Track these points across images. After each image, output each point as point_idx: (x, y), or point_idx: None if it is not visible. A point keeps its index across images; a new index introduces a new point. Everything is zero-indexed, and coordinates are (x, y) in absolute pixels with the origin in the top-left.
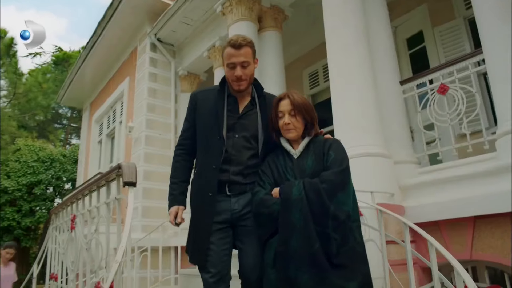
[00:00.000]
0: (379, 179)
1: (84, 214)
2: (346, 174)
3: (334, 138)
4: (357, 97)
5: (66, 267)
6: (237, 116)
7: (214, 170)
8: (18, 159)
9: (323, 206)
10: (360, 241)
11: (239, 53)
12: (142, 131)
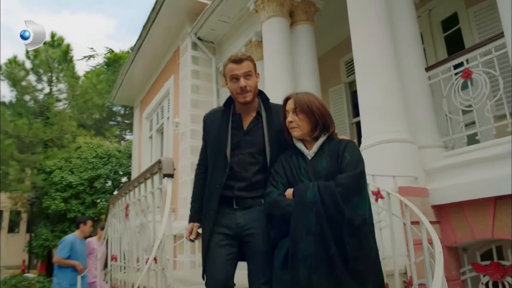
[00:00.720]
0: (402, 163)
1: (135, 203)
2: (361, 177)
3: (349, 139)
4: (381, 85)
5: (123, 249)
6: (242, 133)
7: (217, 189)
8: (79, 156)
9: (338, 210)
10: (374, 247)
11: (241, 66)
12: (187, 126)
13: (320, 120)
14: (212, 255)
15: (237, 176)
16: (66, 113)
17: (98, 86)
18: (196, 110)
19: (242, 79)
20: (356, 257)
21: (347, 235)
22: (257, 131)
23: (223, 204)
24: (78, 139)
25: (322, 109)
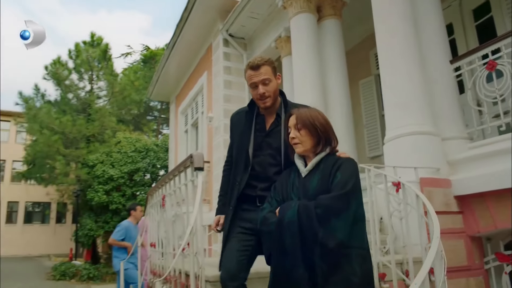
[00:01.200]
0: (425, 155)
1: (171, 194)
2: (344, 199)
3: (348, 157)
4: (404, 79)
5: (160, 237)
6: (264, 134)
7: (237, 186)
8: (119, 150)
9: (312, 232)
10: (358, 271)
11: (259, 73)
12: (220, 120)
13: (323, 135)
14: (228, 246)
15: (259, 176)
16: (106, 109)
17: (135, 83)
18: (229, 105)
19: (261, 86)
20: (327, 281)
21: (318, 258)
22: (277, 133)
23: (246, 201)
24: (117, 134)
25: (326, 124)
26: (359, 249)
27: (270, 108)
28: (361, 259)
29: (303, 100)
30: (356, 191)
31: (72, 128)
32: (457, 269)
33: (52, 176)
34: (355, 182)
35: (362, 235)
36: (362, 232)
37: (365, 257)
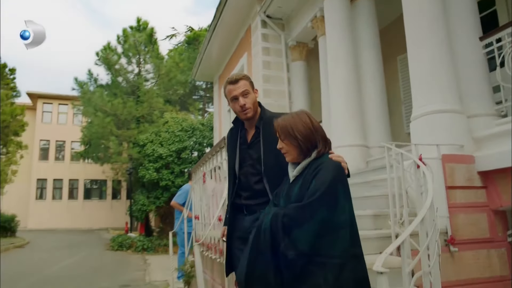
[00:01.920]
0: (449, 133)
1: (209, 172)
2: (309, 209)
3: (331, 160)
4: (429, 57)
5: (203, 210)
6: (246, 147)
7: (230, 197)
8: (167, 130)
9: (277, 241)
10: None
11: (238, 86)
12: (260, 100)
13: (304, 143)
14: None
15: (243, 187)
16: (154, 91)
17: (180, 64)
18: (268, 85)
19: (241, 98)
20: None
21: (283, 266)
22: (257, 144)
23: (237, 210)
24: (165, 114)
25: (306, 131)
26: (336, 258)
27: (251, 120)
28: (338, 269)
29: (336, 77)
30: (327, 199)
31: (123, 110)
32: (479, 241)
33: (107, 155)
34: (328, 189)
35: (341, 243)
36: (341, 241)
37: (344, 266)
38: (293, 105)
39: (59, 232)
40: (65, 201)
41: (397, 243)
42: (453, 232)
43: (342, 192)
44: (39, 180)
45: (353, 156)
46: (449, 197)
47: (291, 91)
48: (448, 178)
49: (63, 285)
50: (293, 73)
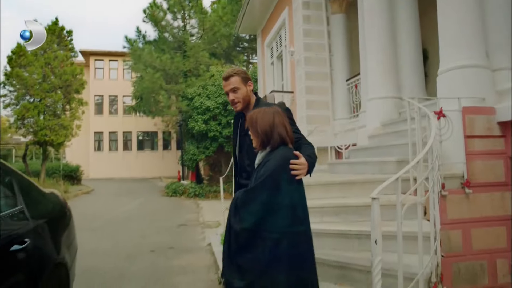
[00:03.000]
0: (472, 87)
1: None
2: (252, 193)
3: (280, 151)
4: (457, 13)
5: None
6: (244, 134)
7: (235, 176)
8: (213, 83)
9: (230, 219)
10: (268, 253)
11: (228, 83)
12: (301, 54)
13: (262, 136)
14: None
15: (242, 168)
16: (199, 45)
17: (224, 18)
18: (309, 39)
19: (230, 93)
20: (236, 256)
21: (232, 239)
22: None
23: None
24: (211, 68)
25: (265, 126)
26: (274, 233)
27: (245, 110)
28: (275, 243)
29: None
30: (269, 184)
31: (171, 65)
32: (494, 184)
33: (158, 108)
34: (271, 176)
35: (281, 222)
36: (280, 220)
37: (280, 241)
38: (333, 58)
39: (117, 181)
40: (120, 152)
41: (392, 180)
42: (469, 176)
43: (285, 179)
44: (96, 133)
45: (387, 107)
46: (467, 145)
47: (331, 44)
48: (468, 128)
49: (130, 224)
50: (333, 26)
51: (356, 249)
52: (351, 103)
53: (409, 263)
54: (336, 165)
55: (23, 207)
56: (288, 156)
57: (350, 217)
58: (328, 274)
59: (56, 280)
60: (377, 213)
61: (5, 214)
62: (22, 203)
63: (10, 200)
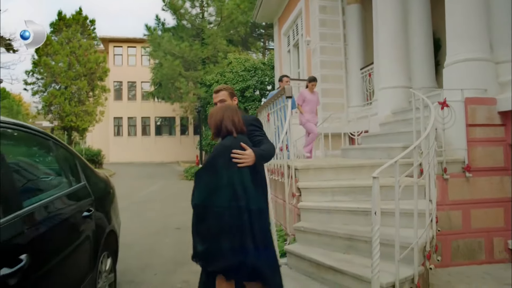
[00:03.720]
0: (475, 79)
1: (273, 113)
2: (198, 175)
3: (221, 141)
4: (463, 8)
5: None
6: None
7: None
8: (231, 70)
9: None
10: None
11: (218, 95)
12: (317, 43)
13: (214, 129)
14: None
15: None
16: (217, 33)
17: (241, 6)
18: (324, 29)
19: (218, 103)
20: (197, 226)
21: (193, 212)
22: None
23: None
24: (228, 55)
25: (215, 123)
26: (218, 208)
27: None
28: (219, 215)
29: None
30: (208, 169)
31: (190, 52)
32: (493, 169)
33: (177, 95)
34: (210, 161)
35: (223, 198)
36: (222, 197)
37: (223, 214)
38: (348, 47)
39: (136, 165)
40: (139, 137)
41: (391, 163)
42: (470, 161)
43: (222, 164)
44: (116, 119)
45: (397, 96)
46: (469, 133)
47: (346, 34)
48: (470, 117)
49: (154, 205)
50: (348, 16)
51: (362, 224)
52: (365, 91)
53: (407, 235)
54: (348, 150)
55: (85, 183)
56: (228, 144)
57: (359, 196)
58: (337, 245)
59: (110, 244)
60: (377, 190)
61: (75, 188)
62: (84, 180)
63: (76, 177)
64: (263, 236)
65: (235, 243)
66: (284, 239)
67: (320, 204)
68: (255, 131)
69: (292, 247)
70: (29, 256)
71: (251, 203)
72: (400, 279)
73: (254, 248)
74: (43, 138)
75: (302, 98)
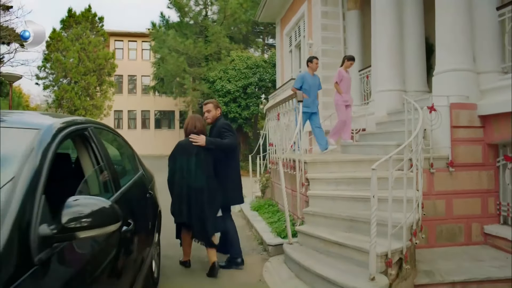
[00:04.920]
0: (459, 86)
1: (284, 113)
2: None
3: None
4: (451, 24)
5: (276, 139)
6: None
7: None
8: (233, 67)
9: None
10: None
11: (206, 106)
12: (319, 46)
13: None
14: None
15: None
16: (220, 31)
17: (244, 5)
18: (326, 33)
19: (206, 113)
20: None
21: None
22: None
23: None
24: (231, 53)
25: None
26: (174, 183)
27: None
28: (179, 189)
29: (382, 30)
30: (170, 160)
31: (194, 49)
32: (473, 165)
33: (181, 90)
34: (170, 155)
35: (176, 178)
36: (176, 177)
37: (175, 188)
38: (347, 50)
39: None
40: (139, 130)
41: (386, 158)
42: (453, 158)
43: (177, 155)
44: (116, 112)
45: (392, 98)
46: (453, 134)
47: (346, 38)
48: (454, 120)
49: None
50: (348, 21)
51: (362, 209)
52: (363, 92)
53: (398, 217)
54: (348, 147)
55: (143, 171)
56: (183, 143)
57: (359, 186)
58: (341, 225)
59: (159, 221)
60: (375, 179)
61: (139, 175)
62: (141, 169)
63: (136, 167)
64: (199, 205)
65: (180, 207)
66: (292, 223)
67: (326, 192)
68: (225, 132)
69: (302, 228)
70: (133, 221)
71: (191, 181)
72: (392, 250)
73: (187, 212)
74: (115, 134)
75: (340, 77)
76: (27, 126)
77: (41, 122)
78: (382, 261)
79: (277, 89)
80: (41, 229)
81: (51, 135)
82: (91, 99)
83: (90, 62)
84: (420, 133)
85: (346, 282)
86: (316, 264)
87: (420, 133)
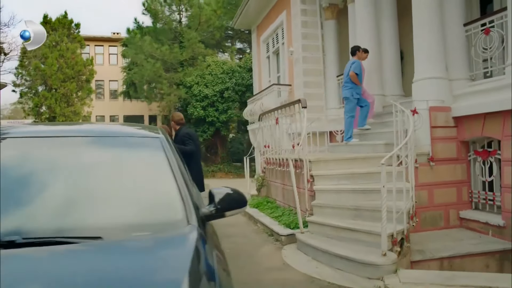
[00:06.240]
0: (435, 92)
1: (283, 118)
2: None
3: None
4: (427, 38)
5: (273, 141)
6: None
7: None
8: (210, 72)
9: None
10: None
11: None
12: (299, 54)
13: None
14: None
15: None
16: (196, 37)
17: (218, 12)
18: (306, 41)
19: (172, 122)
20: None
21: None
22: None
23: None
24: (207, 58)
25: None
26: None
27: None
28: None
29: (362, 40)
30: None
31: (170, 55)
32: (449, 159)
33: (156, 95)
34: None
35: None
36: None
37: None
38: (326, 57)
39: None
40: None
41: (390, 154)
42: (433, 154)
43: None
44: (84, 117)
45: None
46: (432, 133)
47: (324, 46)
48: (432, 121)
49: None
50: (326, 30)
51: (362, 200)
52: (341, 96)
53: (397, 205)
54: (336, 147)
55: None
56: None
57: (358, 180)
58: (347, 214)
59: None
60: (384, 172)
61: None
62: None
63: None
64: None
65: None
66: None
67: (330, 187)
68: (186, 140)
69: (312, 218)
70: None
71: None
72: (397, 231)
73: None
74: None
75: (362, 68)
76: (150, 136)
77: (153, 133)
78: (389, 241)
79: (256, 94)
80: (203, 210)
81: (166, 139)
82: (70, 105)
83: (69, 68)
84: (413, 134)
85: (363, 258)
86: (332, 247)
87: (413, 134)
